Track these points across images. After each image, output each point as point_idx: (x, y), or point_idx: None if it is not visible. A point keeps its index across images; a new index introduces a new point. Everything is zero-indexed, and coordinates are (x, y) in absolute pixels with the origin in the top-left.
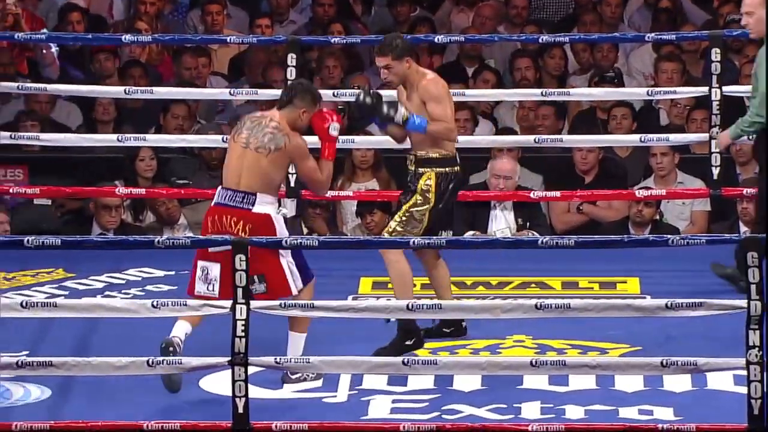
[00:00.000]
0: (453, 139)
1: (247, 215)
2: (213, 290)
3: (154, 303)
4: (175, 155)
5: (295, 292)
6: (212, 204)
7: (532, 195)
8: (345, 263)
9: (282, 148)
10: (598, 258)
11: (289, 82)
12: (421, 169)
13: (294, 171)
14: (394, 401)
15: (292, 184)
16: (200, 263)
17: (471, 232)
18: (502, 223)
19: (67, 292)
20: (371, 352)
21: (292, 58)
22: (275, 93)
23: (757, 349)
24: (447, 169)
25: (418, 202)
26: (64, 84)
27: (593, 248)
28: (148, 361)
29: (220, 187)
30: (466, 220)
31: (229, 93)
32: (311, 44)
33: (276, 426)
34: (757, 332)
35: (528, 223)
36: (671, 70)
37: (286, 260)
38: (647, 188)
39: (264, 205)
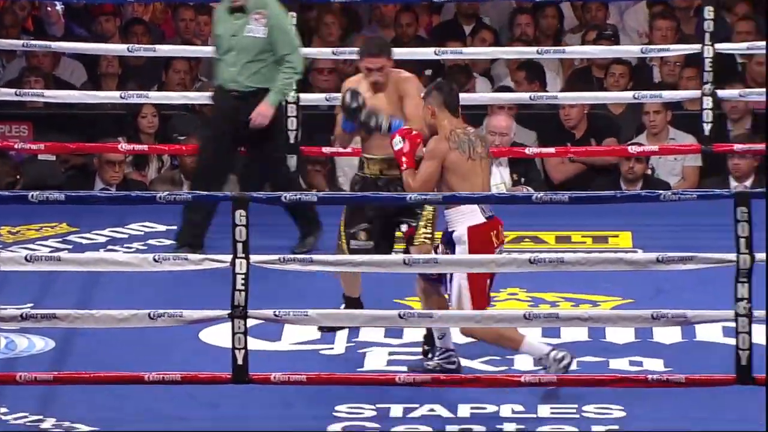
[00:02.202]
0: None
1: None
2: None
3: (156, 257)
4: (176, 112)
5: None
6: (486, 219)
7: (527, 151)
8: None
9: None
10: (591, 213)
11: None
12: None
13: (293, 128)
14: (390, 353)
15: (292, 141)
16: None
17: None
18: (497, 178)
19: (70, 246)
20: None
21: (292, 17)
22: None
23: (745, 301)
24: None
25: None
26: (68, 42)
27: (586, 203)
28: (149, 314)
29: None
30: None
31: None
32: (311, 3)
33: (274, 377)
34: (746, 285)
35: (523, 179)
36: (665, 27)
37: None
38: (640, 144)
39: None
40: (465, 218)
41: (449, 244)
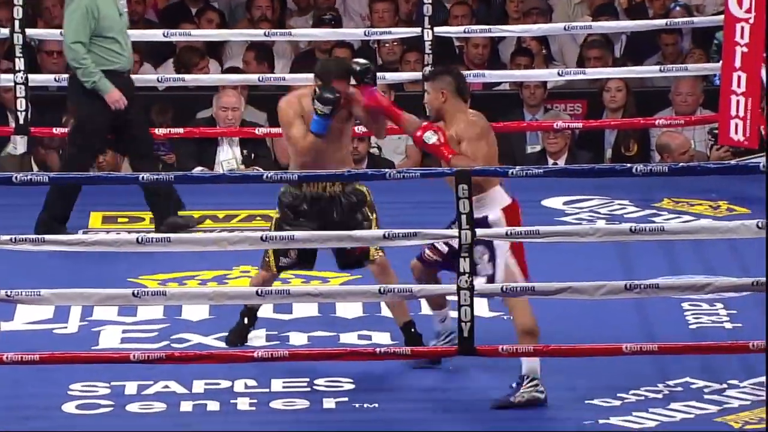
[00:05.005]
0: None
1: None
2: None
3: None
4: None
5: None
6: (511, 199)
7: (257, 131)
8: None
9: None
10: None
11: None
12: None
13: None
14: (124, 331)
15: (21, 122)
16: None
17: (199, 168)
18: (228, 154)
19: None
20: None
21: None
22: (3, 32)
23: (467, 275)
24: None
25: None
26: None
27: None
28: None
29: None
30: (194, 156)
31: None
32: None
33: (7, 357)
34: (467, 260)
35: (253, 155)
36: (383, 9)
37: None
38: None
39: None
40: (496, 202)
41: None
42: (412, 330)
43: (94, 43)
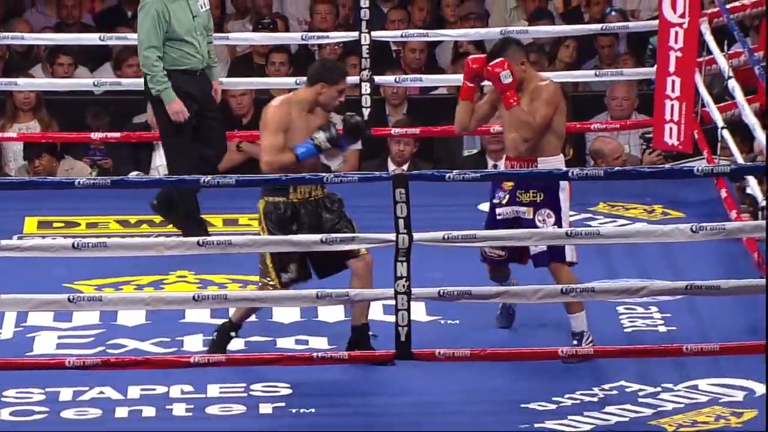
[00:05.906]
0: None
1: None
2: None
3: None
4: None
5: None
6: None
7: None
8: (10, 203)
9: None
10: (257, 196)
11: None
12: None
13: None
14: (59, 337)
15: None
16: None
17: (135, 172)
18: (165, 159)
19: None
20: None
21: None
22: None
23: (404, 279)
24: None
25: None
26: None
27: (252, 186)
28: None
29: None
30: (131, 160)
31: None
32: None
33: None
34: (405, 264)
35: None
36: (325, 11)
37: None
38: None
39: None
40: (560, 166)
41: (545, 190)
42: (364, 334)
43: (166, 45)
